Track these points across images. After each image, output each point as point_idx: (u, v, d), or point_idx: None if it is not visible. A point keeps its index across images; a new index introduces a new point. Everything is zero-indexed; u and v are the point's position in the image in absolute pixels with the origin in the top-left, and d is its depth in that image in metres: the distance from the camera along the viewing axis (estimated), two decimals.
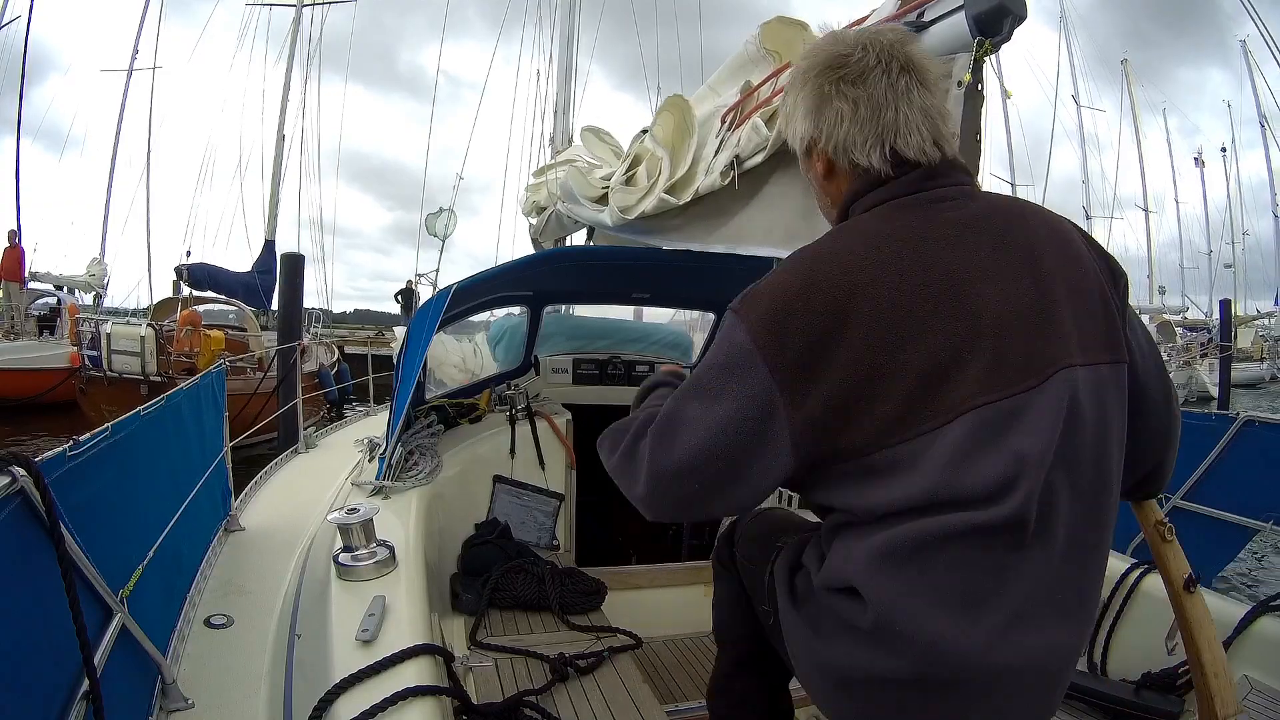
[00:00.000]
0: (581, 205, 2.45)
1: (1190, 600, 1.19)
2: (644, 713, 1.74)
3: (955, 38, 1.26)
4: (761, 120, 1.63)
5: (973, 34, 1.22)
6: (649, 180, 2.04)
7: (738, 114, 1.80)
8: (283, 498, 2.98)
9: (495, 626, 2.14)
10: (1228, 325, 17.23)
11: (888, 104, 0.91)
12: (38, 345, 12.09)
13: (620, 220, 2.11)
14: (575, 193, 2.47)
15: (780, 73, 1.69)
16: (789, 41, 1.78)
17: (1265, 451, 2.85)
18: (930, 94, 0.94)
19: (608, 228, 2.27)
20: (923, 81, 0.93)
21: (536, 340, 3.39)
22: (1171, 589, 1.20)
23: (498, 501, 2.78)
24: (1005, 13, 1.20)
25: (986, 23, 1.21)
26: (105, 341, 8.53)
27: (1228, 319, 17.50)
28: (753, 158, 1.66)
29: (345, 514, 1.59)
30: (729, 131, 1.81)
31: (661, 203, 1.89)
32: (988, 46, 1.22)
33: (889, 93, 0.91)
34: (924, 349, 0.83)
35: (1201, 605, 1.19)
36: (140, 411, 1.64)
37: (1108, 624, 1.89)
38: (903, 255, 0.86)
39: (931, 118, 0.93)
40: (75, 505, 1.15)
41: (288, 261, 8.35)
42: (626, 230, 2.18)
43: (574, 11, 6.80)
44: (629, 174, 2.16)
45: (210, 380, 2.58)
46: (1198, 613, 1.19)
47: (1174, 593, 1.20)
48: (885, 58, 0.92)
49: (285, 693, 1.52)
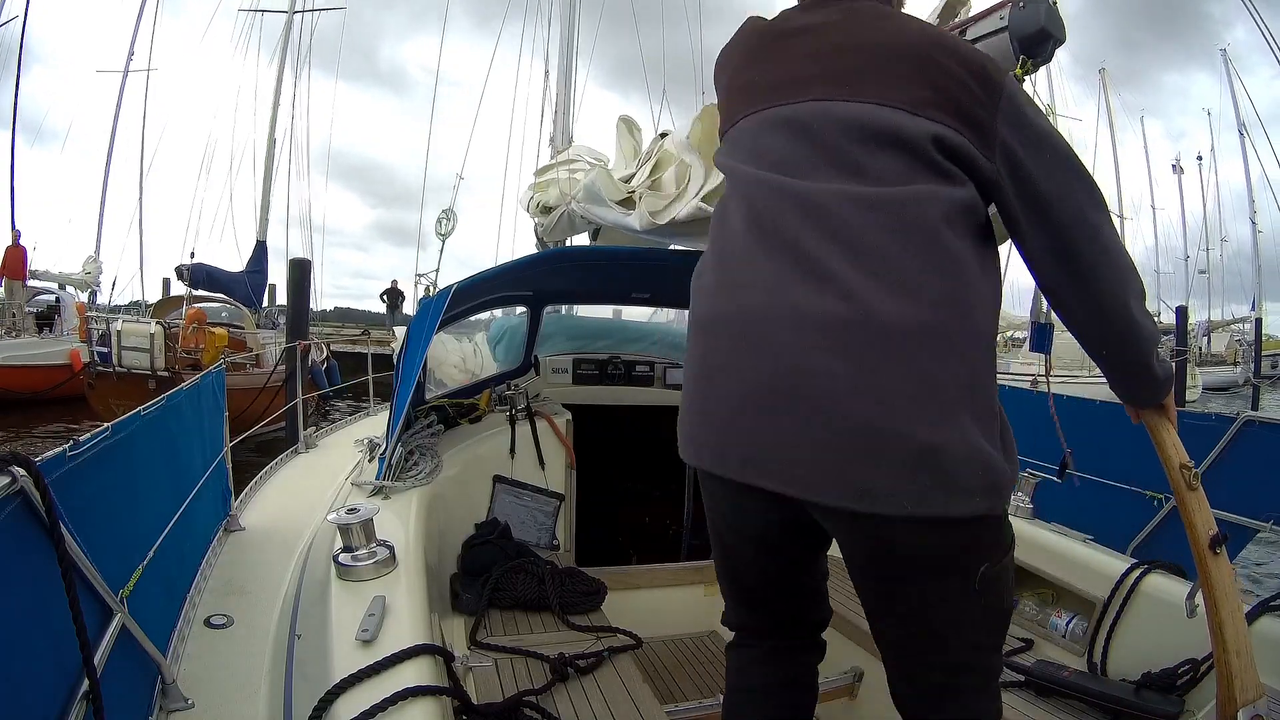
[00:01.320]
0: (606, 207, 2.45)
1: (1216, 562, 1.09)
2: (644, 713, 1.74)
3: (998, 58, 1.28)
4: None
5: (1015, 55, 1.25)
6: (678, 186, 2.05)
7: None
8: (283, 498, 2.98)
9: (495, 626, 2.14)
10: (1183, 331, 18.21)
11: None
12: (39, 342, 12.46)
13: (650, 224, 2.11)
14: (602, 194, 2.47)
15: None
16: None
17: (1265, 451, 2.85)
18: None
19: (635, 231, 2.27)
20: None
21: (536, 340, 3.39)
22: (1196, 547, 1.10)
23: (498, 501, 2.79)
24: (1047, 36, 1.24)
25: (1029, 45, 1.25)
26: (116, 339, 8.96)
27: (1183, 325, 18.54)
28: None
29: (345, 514, 1.59)
30: None
31: (699, 210, 1.91)
32: (1029, 66, 1.25)
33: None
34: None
35: (1227, 569, 1.10)
36: (141, 411, 1.64)
37: (1108, 624, 1.89)
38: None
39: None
40: (75, 505, 1.15)
41: (296, 266, 8.74)
42: (655, 234, 2.18)
43: (573, 12, 6.80)
44: (653, 178, 2.17)
45: (210, 380, 2.58)
46: (1223, 576, 1.09)
47: (1198, 552, 1.09)
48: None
49: (285, 693, 1.52)
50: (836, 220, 0.97)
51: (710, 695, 2.38)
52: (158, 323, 9.83)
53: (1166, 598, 1.84)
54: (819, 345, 0.93)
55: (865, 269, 0.94)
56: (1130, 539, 3.00)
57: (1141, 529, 3.06)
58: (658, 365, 3.65)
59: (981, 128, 0.99)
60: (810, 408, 0.94)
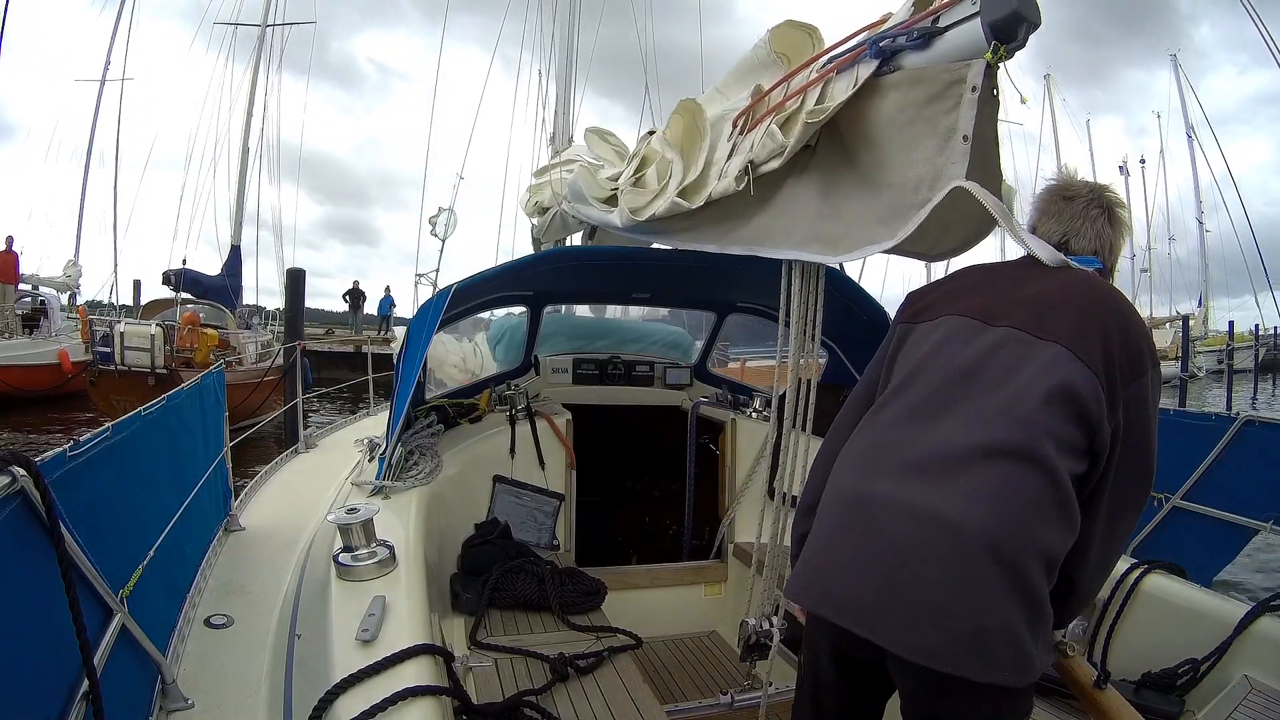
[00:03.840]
0: (589, 206, 2.44)
1: (1104, 696, 1.29)
2: (644, 713, 1.74)
3: (970, 44, 1.27)
4: (776, 126, 1.63)
5: (988, 40, 1.23)
6: (659, 182, 2.04)
7: (749, 118, 1.79)
8: (283, 498, 2.98)
9: (495, 626, 2.14)
10: None
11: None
12: (30, 343, 13.17)
13: (630, 221, 2.11)
14: (584, 193, 2.47)
15: (791, 77, 1.68)
16: (798, 45, 1.77)
17: (1265, 452, 2.85)
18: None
19: (617, 228, 2.26)
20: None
21: (536, 340, 3.39)
22: (1083, 692, 1.31)
23: (498, 501, 2.79)
24: (1020, 20, 1.21)
25: (1001, 29, 1.22)
26: (119, 339, 9.66)
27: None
28: (768, 163, 1.66)
29: (345, 514, 1.59)
30: (740, 136, 1.80)
31: (674, 206, 1.89)
32: (1002, 53, 1.23)
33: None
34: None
35: (1116, 698, 1.29)
36: (141, 412, 1.64)
37: (1108, 624, 1.89)
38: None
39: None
40: (75, 505, 1.15)
41: (291, 276, 9.72)
42: (636, 231, 2.18)
43: (574, 12, 6.80)
44: (637, 175, 2.16)
45: (211, 380, 2.58)
46: (1113, 704, 1.28)
47: (1085, 695, 1.30)
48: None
49: (285, 693, 1.52)
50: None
51: (710, 695, 2.38)
52: (158, 324, 10.54)
53: (1166, 598, 1.84)
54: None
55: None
56: (1130, 539, 3.01)
57: (1142, 529, 3.06)
58: (658, 365, 3.65)
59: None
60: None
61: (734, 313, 3.59)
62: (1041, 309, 1.20)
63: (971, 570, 1.05)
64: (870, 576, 1.11)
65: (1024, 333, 1.18)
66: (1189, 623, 1.77)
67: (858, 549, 1.14)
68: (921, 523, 1.09)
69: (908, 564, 1.08)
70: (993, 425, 1.12)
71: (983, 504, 1.07)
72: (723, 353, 4.69)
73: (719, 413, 3.27)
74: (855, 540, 1.15)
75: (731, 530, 3.08)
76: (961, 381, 1.18)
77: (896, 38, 1.39)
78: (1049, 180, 1.41)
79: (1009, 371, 1.16)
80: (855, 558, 1.14)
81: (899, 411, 1.22)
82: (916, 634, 1.05)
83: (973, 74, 1.25)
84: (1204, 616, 1.75)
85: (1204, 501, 2.96)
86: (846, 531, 1.17)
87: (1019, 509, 1.07)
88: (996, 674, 1.04)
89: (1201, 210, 29.42)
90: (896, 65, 1.42)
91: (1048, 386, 1.12)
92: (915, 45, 1.37)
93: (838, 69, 1.52)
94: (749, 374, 6.75)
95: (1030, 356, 1.16)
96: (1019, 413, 1.11)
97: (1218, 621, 1.70)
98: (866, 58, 1.44)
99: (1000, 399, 1.13)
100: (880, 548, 1.11)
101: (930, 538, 1.08)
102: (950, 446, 1.13)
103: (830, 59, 1.57)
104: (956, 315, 1.26)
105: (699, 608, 2.96)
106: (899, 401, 1.24)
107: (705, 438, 3.33)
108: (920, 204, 1.35)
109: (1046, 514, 1.09)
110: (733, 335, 4.67)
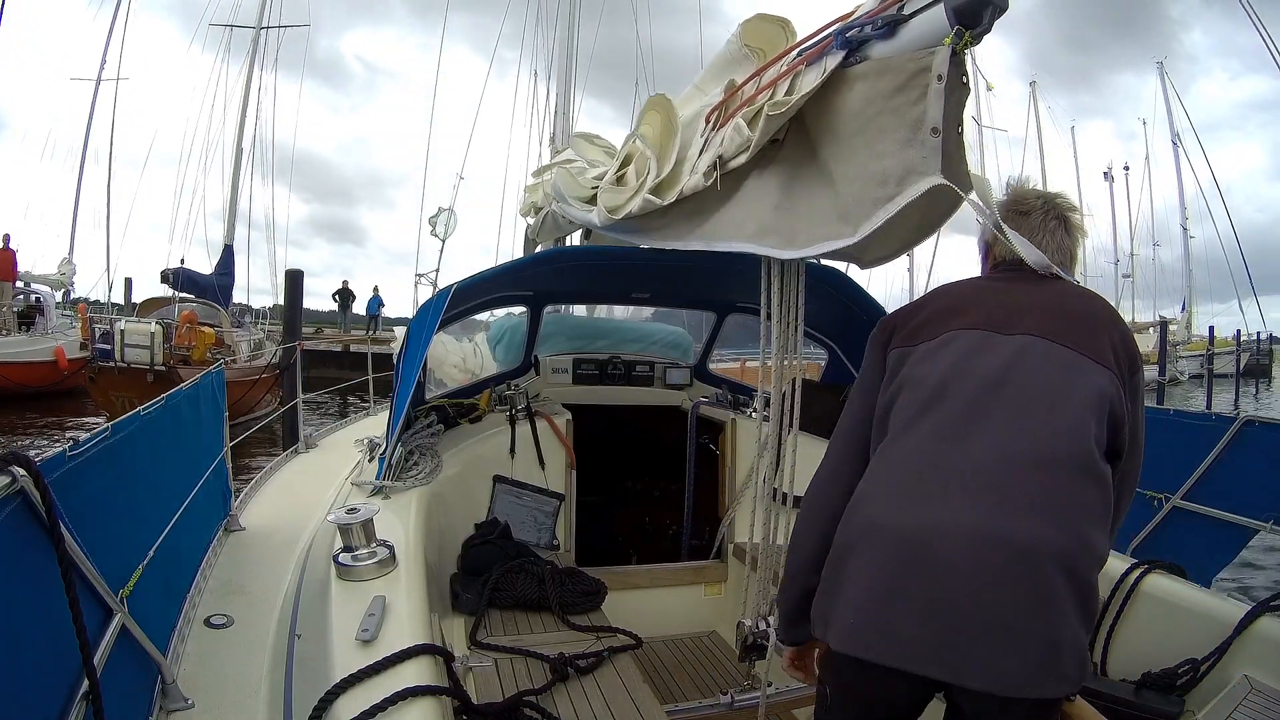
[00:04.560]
0: (571, 206, 2.44)
1: (1074, 708, 1.33)
2: (644, 713, 1.74)
3: (935, 30, 1.24)
4: (744, 121, 1.60)
5: (951, 25, 1.20)
6: (638, 180, 2.03)
7: (721, 113, 1.77)
8: (283, 498, 2.98)
9: (495, 626, 2.14)
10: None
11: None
12: (27, 340, 13.40)
13: (608, 220, 2.10)
14: (564, 193, 2.47)
15: (763, 71, 1.66)
16: (770, 39, 1.75)
17: (1265, 452, 2.84)
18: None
19: (596, 227, 2.26)
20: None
21: (536, 340, 3.39)
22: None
23: (498, 501, 2.78)
24: (985, 4, 1.19)
25: (966, 14, 1.19)
26: (120, 336, 9.87)
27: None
28: (736, 158, 1.64)
29: (345, 514, 1.59)
30: (713, 131, 1.79)
31: (646, 203, 1.88)
32: (968, 38, 1.20)
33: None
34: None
35: (1087, 709, 1.34)
36: (140, 412, 1.64)
37: (1108, 624, 1.89)
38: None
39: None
40: (75, 505, 1.15)
41: (290, 276, 9.84)
42: (614, 230, 2.17)
43: (574, 12, 6.81)
44: (619, 174, 2.16)
45: (210, 380, 2.58)
46: (1085, 716, 1.33)
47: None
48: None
49: (285, 693, 1.52)
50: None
51: (710, 695, 2.38)
52: (157, 322, 10.78)
53: (1166, 598, 1.84)
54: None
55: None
56: (1130, 539, 3.01)
57: (1142, 529, 3.06)
58: (658, 365, 3.65)
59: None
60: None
61: (734, 312, 3.59)
62: (1053, 317, 1.21)
63: (1044, 587, 1.04)
64: (942, 614, 1.07)
65: (1044, 339, 1.18)
66: (1189, 623, 1.77)
67: (924, 589, 1.09)
68: (988, 546, 1.06)
69: (980, 593, 1.05)
70: (1038, 434, 1.11)
71: (1043, 517, 1.06)
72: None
73: (719, 413, 3.27)
74: (917, 580, 1.09)
75: (731, 530, 3.08)
76: (994, 391, 1.16)
77: (863, 27, 1.36)
78: (1000, 197, 1.40)
79: (1041, 376, 1.15)
80: (922, 598, 1.08)
81: (933, 430, 1.17)
82: (995, 665, 1.03)
83: (938, 62, 1.23)
84: (1204, 616, 1.75)
85: (1204, 501, 2.95)
86: (904, 572, 1.11)
87: (1077, 518, 1.07)
88: (1065, 686, 1.05)
89: (1186, 216, 29.98)
90: (864, 56, 1.39)
91: (1084, 393, 1.13)
92: (881, 34, 1.34)
93: (806, 61, 1.49)
94: (749, 374, 6.75)
95: (1058, 362, 1.16)
96: (1063, 421, 1.11)
97: (1218, 621, 1.70)
98: (834, 49, 1.42)
99: (1039, 406, 1.13)
100: (947, 582, 1.07)
101: (998, 560, 1.05)
102: (998, 459, 1.11)
103: (800, 52, 1.54)
104: (965, 329, 1.24)
105: (699, 608, 2.96)
106: (929, 421, 1.18)
107: (705, 438, 3.33)
108: (886, 199, 1.32)
109: (1097, 520, 1.10)
110: (733, 335, 4.67)
